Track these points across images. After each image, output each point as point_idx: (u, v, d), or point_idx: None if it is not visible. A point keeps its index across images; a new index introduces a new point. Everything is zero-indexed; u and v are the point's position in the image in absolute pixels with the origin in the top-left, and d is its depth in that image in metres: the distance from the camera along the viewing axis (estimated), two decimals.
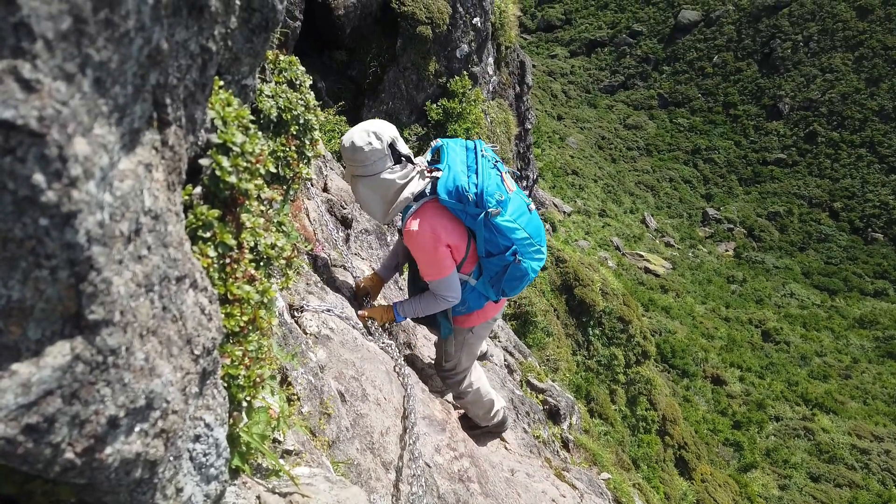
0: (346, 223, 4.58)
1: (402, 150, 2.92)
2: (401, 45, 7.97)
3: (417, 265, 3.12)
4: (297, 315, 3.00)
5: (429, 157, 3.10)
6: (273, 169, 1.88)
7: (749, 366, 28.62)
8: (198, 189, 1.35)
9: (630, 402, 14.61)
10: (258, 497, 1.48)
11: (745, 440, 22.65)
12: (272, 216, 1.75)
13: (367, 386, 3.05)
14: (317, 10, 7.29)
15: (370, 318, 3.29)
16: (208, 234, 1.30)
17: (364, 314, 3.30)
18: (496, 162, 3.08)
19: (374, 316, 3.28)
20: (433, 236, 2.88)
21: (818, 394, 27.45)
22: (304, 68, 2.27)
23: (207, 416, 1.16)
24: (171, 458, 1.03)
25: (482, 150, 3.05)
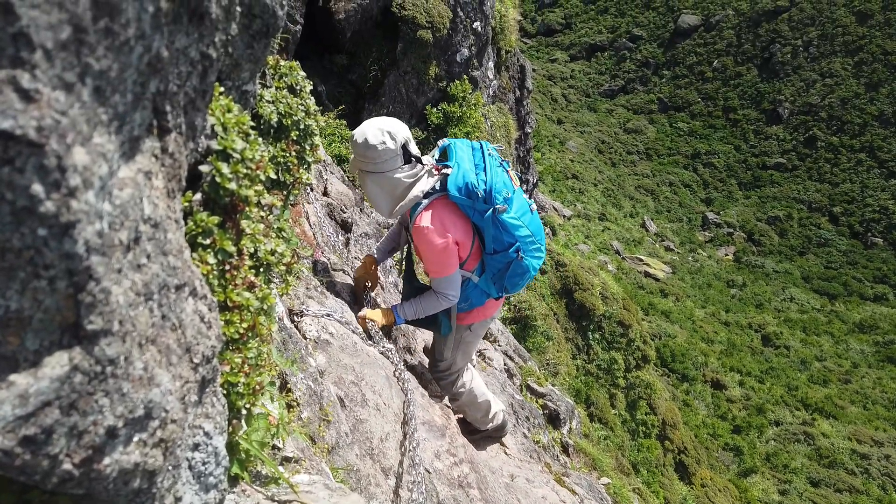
0: (345, 227, 4.57)
1: (413, 151, 2.98)
2: (401, 49, 7.98)
3: (423, 261, 3.15)
4: (296, 320, 2.99)
5: (436, 156, 3.18)
6: (273, 175, 1.87)
7: (749, 370, 28.58)
8: (197, 195, 1.34)
9: (630, 407, 14.59)
10: None
11: (744, 445, 22.61)
12: (272, 222, 1.75)
13: (367, 391, 3.04)
14: (317, 13, 7.30)
15: (370, 320, 3.27)
16: (208, 241, 1.29)
17: (364, 316, 3.28)
18: (501, 161, 3.16)
19: (375, 318, 3.27)
20: (443, 233, 2.95)
21: (818, 398, 27.41)
22: (304, 73, 2.27)
23: (206, 425, 1.16)
24: (170, 468, 1.02)
25: (488, 149, 3.14)
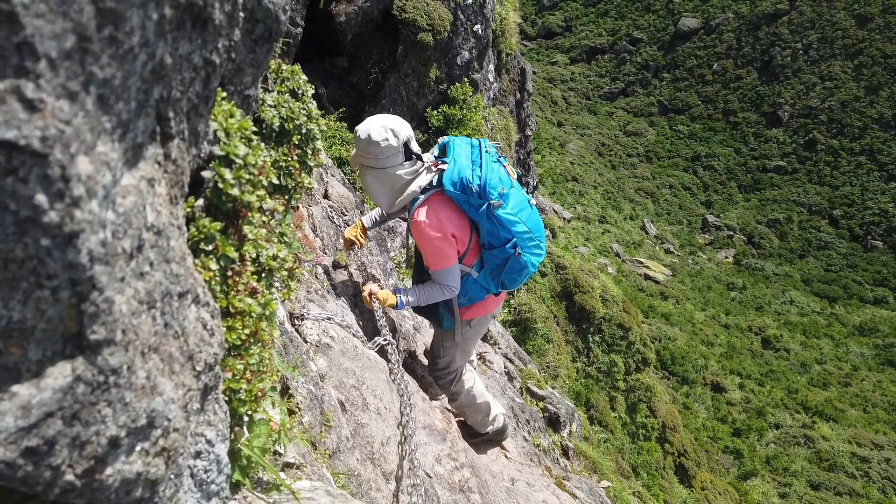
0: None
1: (414, 149, 3.07)
2: (402, 52, 7.98)
3: (422, 254, 3.21)
4: (297, 324, 2.98)
5: (436, 153, 3.26)
6: (275, 180, 1.87)
7: (749, 373, 28.56)
8: (200, 201, 1.34)
9: (630, 410, 14.57)
10: None
11: (744, 448, 22.58)
12: (274, 227, 1.74)
13: (368, 395, 3.03)
14: (318, 16, 7.30)
15: (376, 296, 3.28)
16: (210, 247, 1.29)
17: (371, 290, 3.29)
18: (498, 157, 3.24)
19: (380, 296, 3.28)
20: (439, 226, 3.02)
21: (818, 401, 27.38)
22: (306, 77, 2.26)
23: (209, 432, 1.15)
24: (172, 476, 1.02)
25: (486, 146, 3.21)
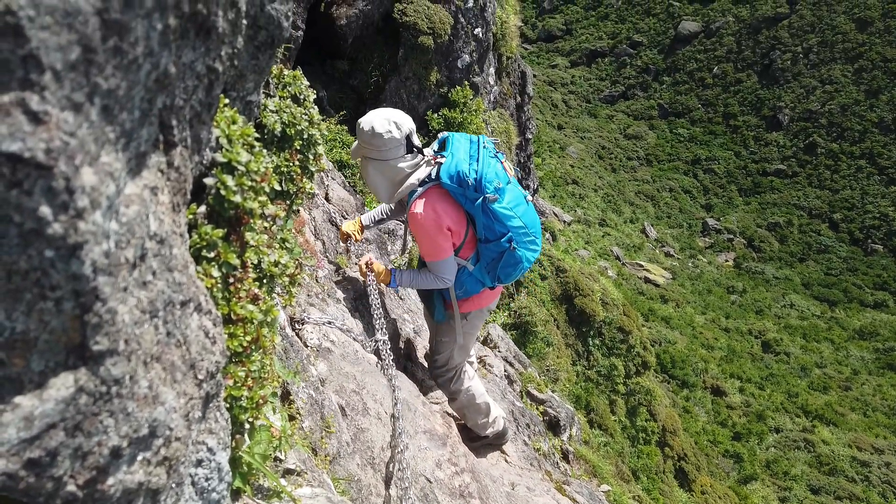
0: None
1: (415, 142, 3.14)
2: (402, 55, 7.99)
3: (418, 246, 3.26)
4: (298, 328, 2.98)
5: (435, 147, 3.31)
6: (277, 185, 1.87)
7: (749, 377, 28.52)
8: (202, 208, 1.33)
9: (630, 413, 14.55)
10: None
11: (745, 452, 22.54)
12: (275, 233, 1.74)
13: (368, 400, 3.03)
14: (318, 19, 7.31)
15: (371, 269, 3.33)
16: (212, 254, 1.29)
17: (369, 262, 3.35)
18: (496, 153, 3.30)
19: (376, 269, 3.34)
20: (435, 219, 3.07)
21: (818, 405, 27.35)
22: (307, 82, 2.27)
23: (210, 441, 1.15)
24: (174, 485, 1.02)
25: (484, 142, 3.27)
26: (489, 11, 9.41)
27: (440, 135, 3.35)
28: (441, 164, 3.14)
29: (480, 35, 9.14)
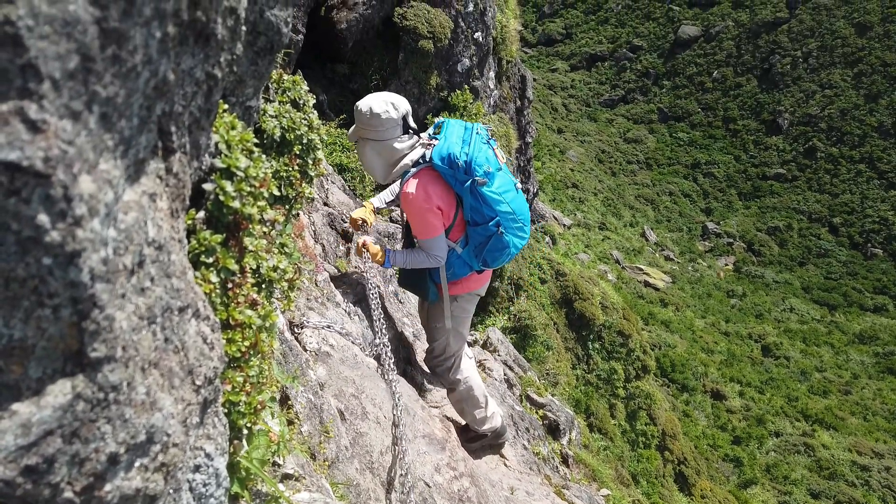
0: (346, 237, 4.57)
1: (411, 124, 3.26)
2: (402, 59, 8.01)
3: (410, 225, 3.35)
4: (297, 332, 2.98)
5: (431, 132, 3.41)
6: (276, 191, 1.87)
7: (749, 381, 28.48)
8: (201, 213, 1.34)
9: (630, 417, 14.53)
10: None
11: (744, 456, 22.50)
12: (274, 237, 1.74)
13: (367, 404, 3.02)
14: (319, 23, 7.32)
15: (367, 249, 3.39)
16: (211, 260, 1.29)
17: (364, 242, 3.41)
18: (488, 139, 3.40)
19: (371, 250, 3.39)
20: (426, 198, 3.16)
21: (818, 409, 27.30)
22: (307, 87, 2.27)
23: (208, 446, 1.15)
24: (171, 491, 1.02)
25: (477, 129, 3.38)
26: (489, 15, 9.43)
27: (436, 119, 3.48)
28: (434, 146, 3.25)
29: (480, 39, 9.16)
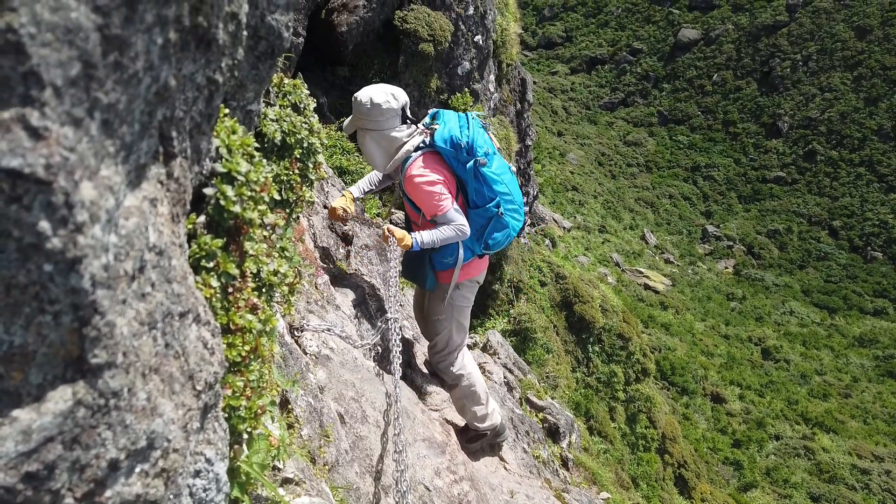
0: (346, 240, 4.57)
1: (409, 115, 3.35)
2: (403, 62, 8.02)
3: (422, 209, 3.34)
4: (297, 335, 2.98)
5: (427, 121, 3.50)
6: (276, 195, 1.87)
7: (749, 384, 28.47)
8: (201, 218, 1.34)
9: (629, 420, 14.52)
10: None
11: (744, 459, 22.48)
12: (275, 241, 1.74)
13: (367, 407, 3.02)
14: (319, 26, 7.34)
15: (392, 234, 3.35)
16: (211, 264, 1.29)
17: (390, 228, 3.38)
18: (483, 125, 3.52)
19: (397, 234, 3.35)
20: (432, 171, 3.23)
21: (818, 413, 27.29)
22: (308, 91, 2.27)
23: (208, 451, 1.15)
24: (171, 496, 1.01)
25: (472, 116, 3.50)
26: (489, 19, 9.44)
27: (430, 110, 3.56)
28: (434, 131, 3.34)
29: (481, 42, 9.17)
